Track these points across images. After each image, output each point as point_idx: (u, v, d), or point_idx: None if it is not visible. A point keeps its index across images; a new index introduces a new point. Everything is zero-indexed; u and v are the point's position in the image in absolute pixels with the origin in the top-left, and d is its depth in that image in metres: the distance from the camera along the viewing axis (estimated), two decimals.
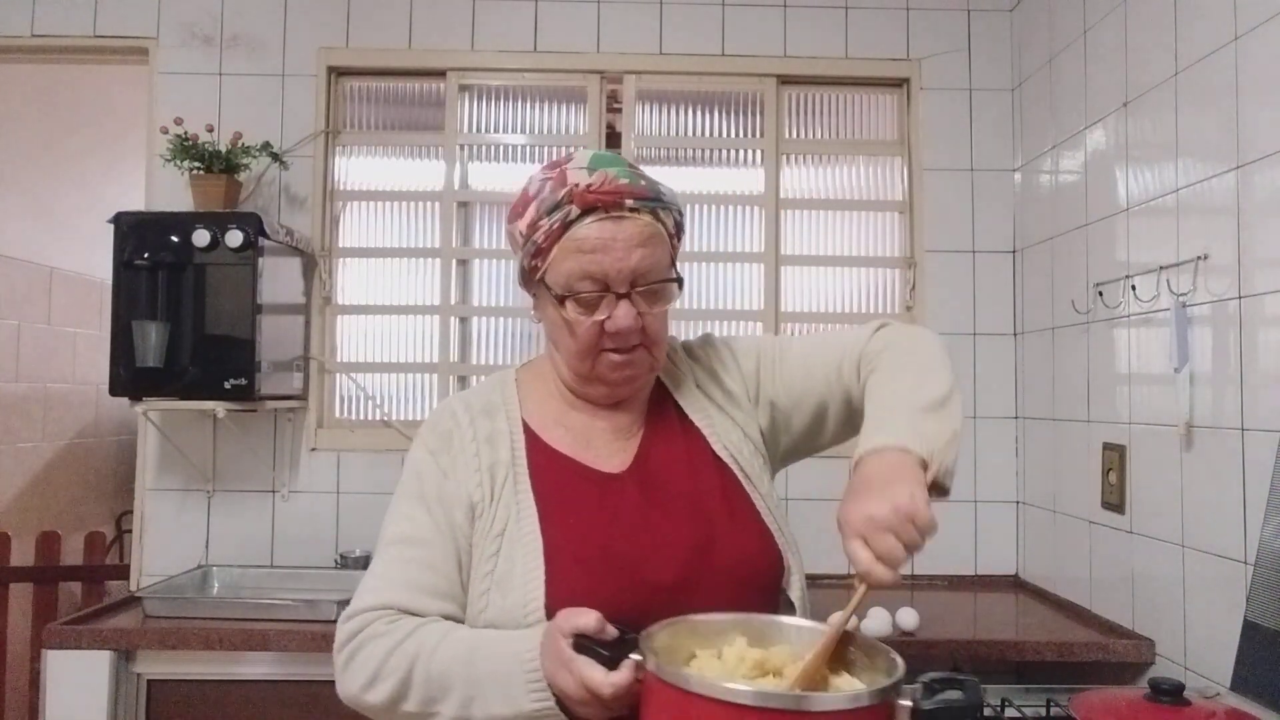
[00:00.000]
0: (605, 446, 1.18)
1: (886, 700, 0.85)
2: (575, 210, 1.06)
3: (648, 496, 1.15)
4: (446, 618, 1.09)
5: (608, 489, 1.14)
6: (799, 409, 1.25)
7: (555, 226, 1.06)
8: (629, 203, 1.07)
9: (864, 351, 1.20)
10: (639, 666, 0.90)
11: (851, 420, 1.23)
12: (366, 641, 1.06)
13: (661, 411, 1.22)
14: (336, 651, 1.08)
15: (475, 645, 1.02)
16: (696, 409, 1.23)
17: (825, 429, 1.27)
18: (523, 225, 1.10)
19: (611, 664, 0.92)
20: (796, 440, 1.29)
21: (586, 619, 0.94)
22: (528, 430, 1.17)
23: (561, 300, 1.08)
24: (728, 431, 1.23)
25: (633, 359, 1.12)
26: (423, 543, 1.10)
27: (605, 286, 1.07)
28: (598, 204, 1.06)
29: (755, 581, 1.15)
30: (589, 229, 1.06)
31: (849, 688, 0.93)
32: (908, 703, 0.86)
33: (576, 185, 1.06)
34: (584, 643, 0.94)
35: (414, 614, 1.07)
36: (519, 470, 1.14)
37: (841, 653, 0.97)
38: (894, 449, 1.01)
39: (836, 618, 0.95)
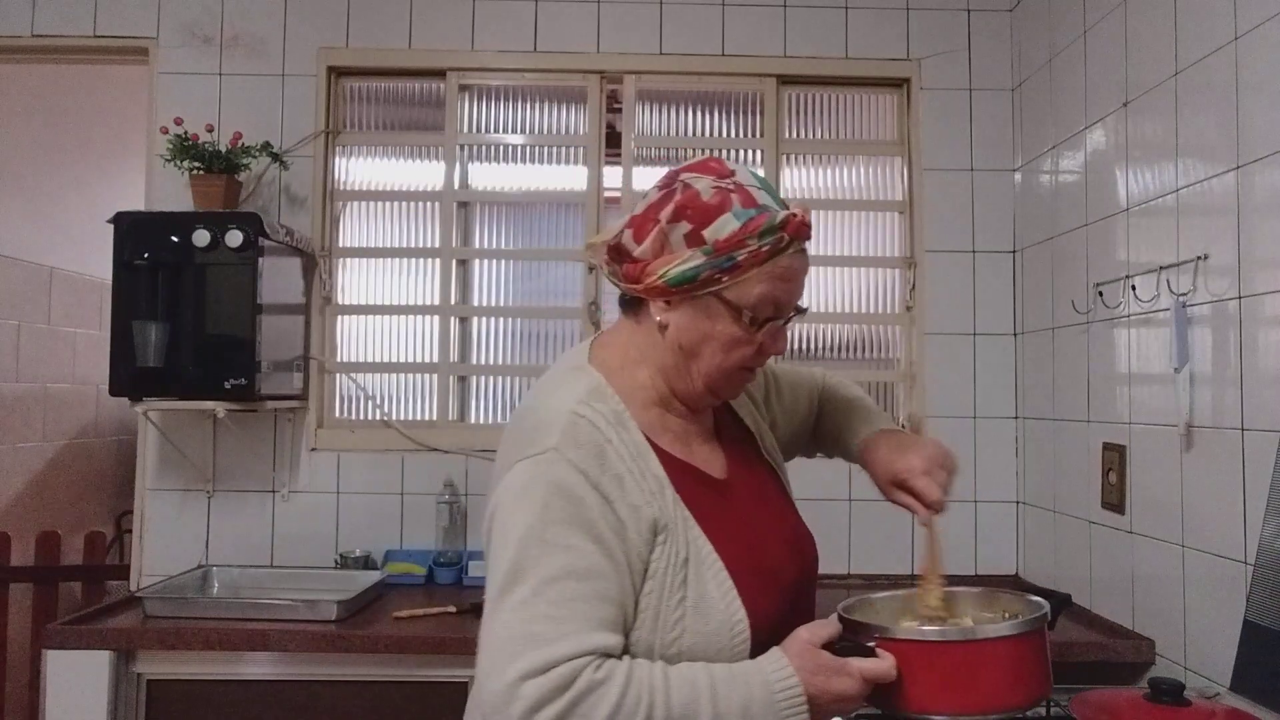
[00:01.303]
0: (700, 449, 1.18)
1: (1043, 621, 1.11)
2: (786, 239, 1.06)
3: (752, 500, 1.19)
4: (620, 651, 1.01)
5: (726, 495, 1.16)
6: (789, 432, 1.37)
7: (764, 250, 1.05)
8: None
9: (825, 383, 1.42)
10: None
11: (802, 446, 1.44)
12: (585, 694, 0.94)
13: (720, 414, 1.25)
14: (532, 710, 0.92)
15: (710, 682, 0.99)
16: (745, 412, 1.29)
17: (792, 453, 1.41)
18: (713, 235, 1.06)
19: (866, 654, 1.04)
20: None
21: (830, 628, 1.04)
22: (647, 438, 1.11)
23: (739, 319, 1.08)
24: (765, 434, 1.31)
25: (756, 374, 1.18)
26: (594, 574, 0.99)
27: (778, 313, 1.10)
28: (805, 237, 1.09)
29: (817, 573, 1.29)
30: (790, 259, 1.08)
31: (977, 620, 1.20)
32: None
33: (793, 215, 1.06)
34: (845, 645, 1.03)
35: (603, 652, 0.97)
36: (668, 483, 1.08)
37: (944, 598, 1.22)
38: (894, 428, 1.30)
39: (931, 552, 1.23)
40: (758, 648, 1.05)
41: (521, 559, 0.98)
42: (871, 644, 1.04)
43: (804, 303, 1.15)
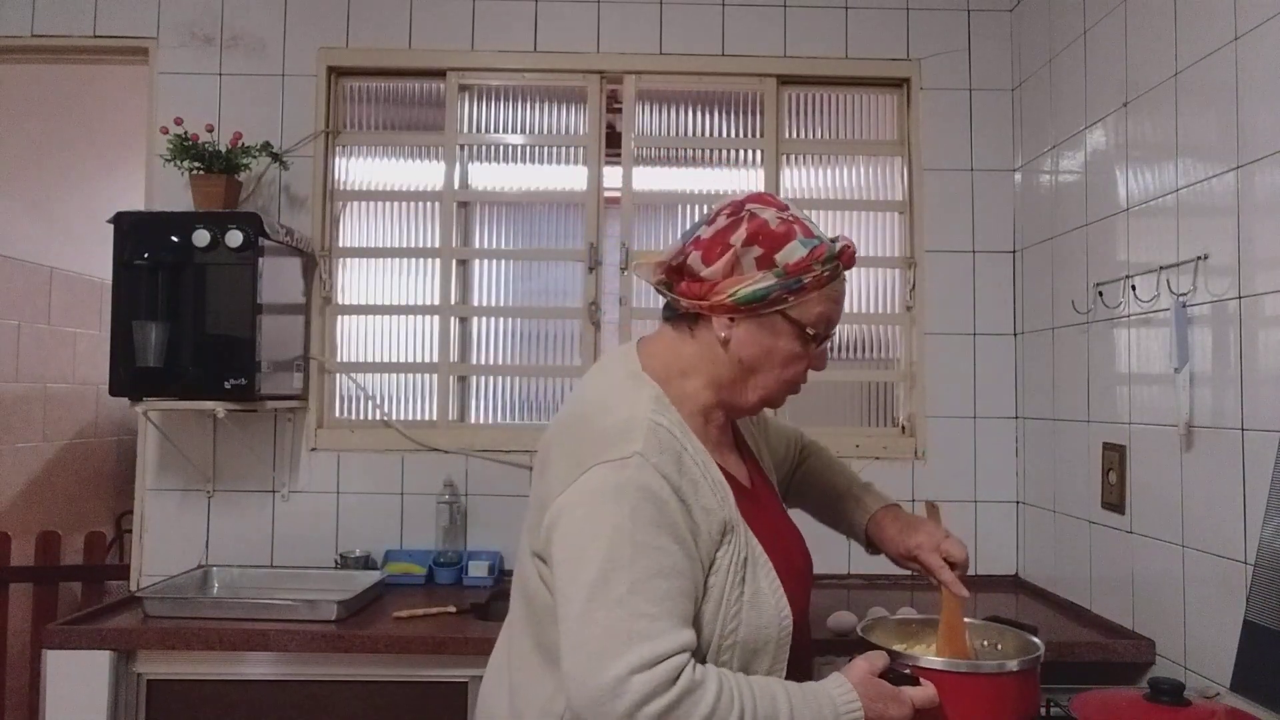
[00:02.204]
0: (731, 458, 1.30)
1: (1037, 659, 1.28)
2: (840, 266, 1.22)
3: (774, 507, 1.35)
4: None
5: (757, 502, 1.28)
6: (767, 467, 1.45)
7: (825, 274, 1.19)
8: None
9: (804, 438, 1.62)
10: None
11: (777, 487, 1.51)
12: (689, 691, 1.01)
13: (734, 429, 1.38)
14: (642, 702, 0.99)
15: (787, 696, 1.08)
16: (748, 431, 1.43)
17: None
18: (783, 259, 1.18)
19: (913, 684, 1.19)
20: None
21: (882, 660, 1.18)
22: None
23: (801, 335, 1.21)
24: (764, 453, 1.44)
25: None
26: (679, 573, 1.07)
27: (828, 332, 1.24)
28: (852, 265, 1.24)
29: None
30: (841, 285, 1.24)
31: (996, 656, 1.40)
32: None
33: (848, 246, 1.22)
34: (895, 675, 1.19)
35: (691, 648, 1.05)
36: (729, 489, 1.20)
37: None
38: (895, 504, 1.51)
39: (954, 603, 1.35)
40: (794, 641, 1.19)
41: (615, 559, 1.04)
42: (907, 671, 1.20)
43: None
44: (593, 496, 1.09)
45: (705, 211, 1.26)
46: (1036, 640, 1.35)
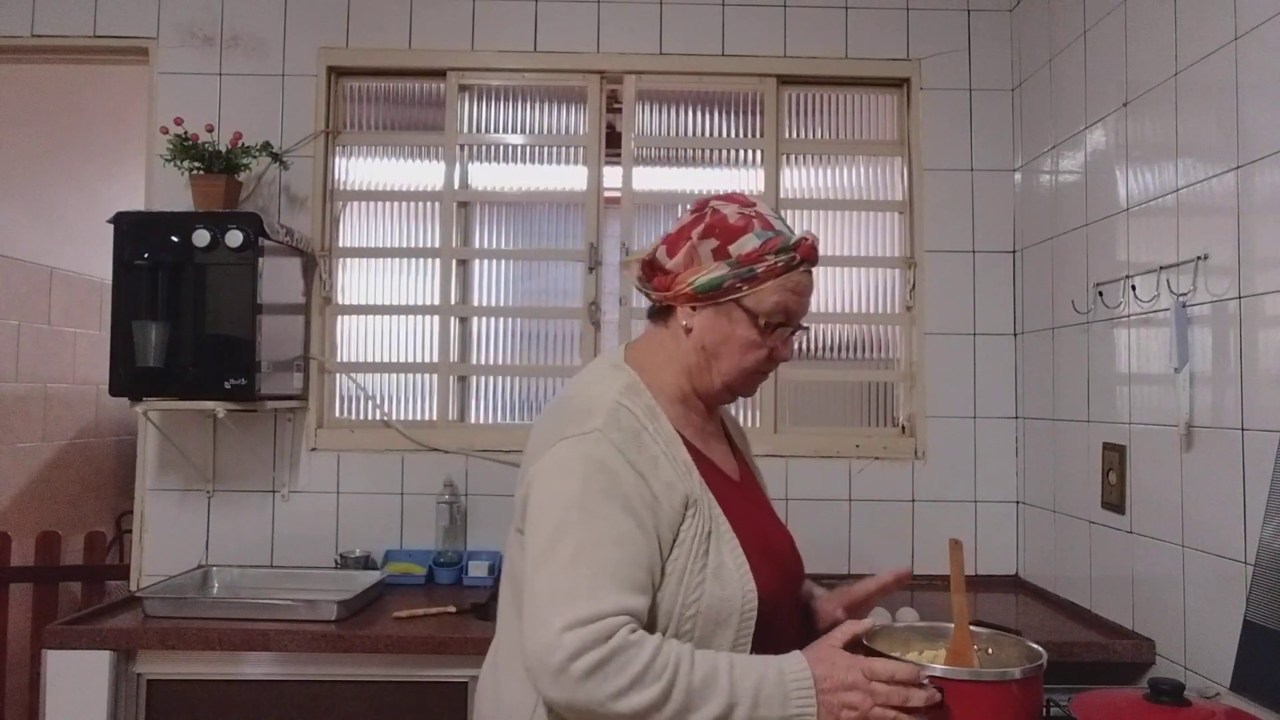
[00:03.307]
0: (716, 447, 1.36)
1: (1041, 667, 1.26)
2: (798, 258, 1.27)
3: (757, 495, 1.41)
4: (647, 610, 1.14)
5: (738, 488, 1.34)
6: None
7: (779, 265, 1.25)
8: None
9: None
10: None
11: None
12: (621, 650, 1.06)
13: (719, 419, 1.43)
14: (572, 657, 1.04)
15: (729, 662, 1.11)
16: (735, 434, 1.48)
17: None
18: (737, 250, 1.25)
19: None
20: None
21: (854, 628, 1.19)
22: (675, 430, 1.27)
23: (756, 324, 1.27)
24: (749, 454, 1.49)
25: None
26: (628, 542, 1.12)
27: (788, 322, 1.29)
28: (813, 260, 1.29)
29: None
30: (801, 276, 1.29)
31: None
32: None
33: (805, 238, 1.28)
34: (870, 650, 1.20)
35: (633, 613, 1.10)
36: (694, 467, 1.25)
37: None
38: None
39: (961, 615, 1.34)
40: (764, 618, 1.20)
41: (565, 524, 1.11)
42: (924, 681, 1.18)
43: (806, 322, 1.33)
44: (555, 466, 1.17)
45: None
46: (1038, 647, 1.38)
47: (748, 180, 2.75)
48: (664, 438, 1.23)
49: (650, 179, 2.75)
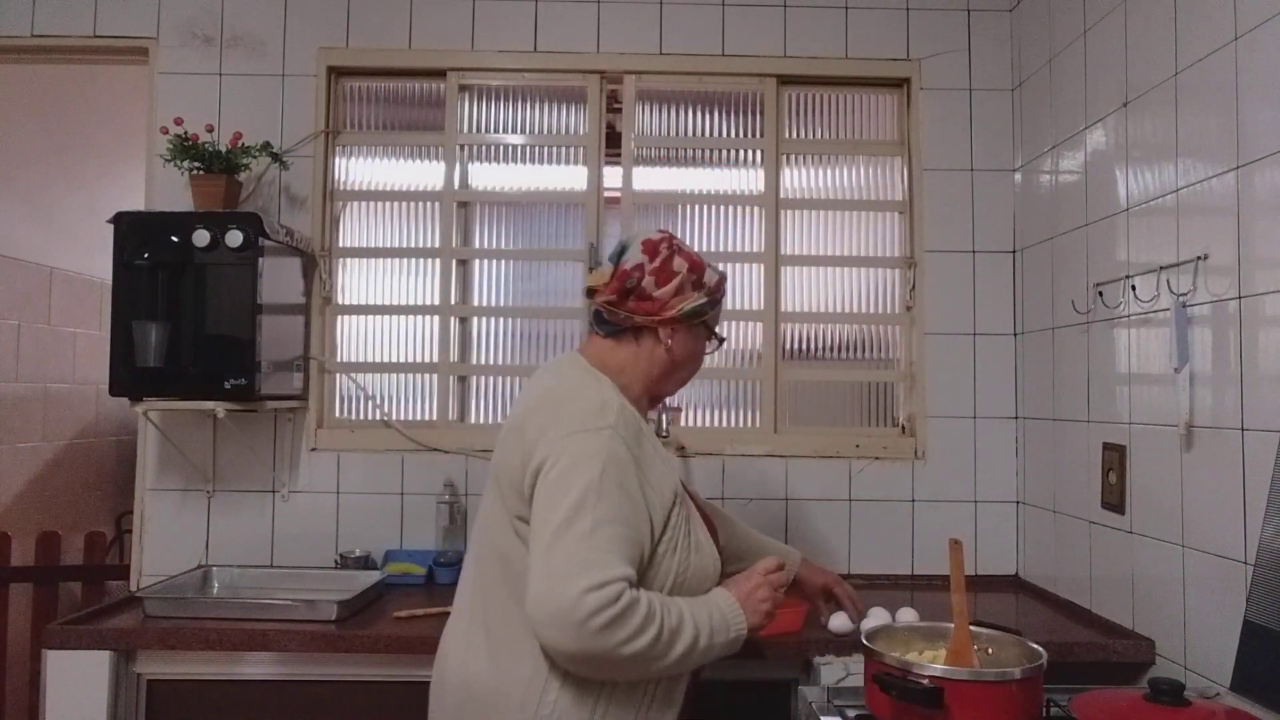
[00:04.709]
0: (658, 442, 1.58)
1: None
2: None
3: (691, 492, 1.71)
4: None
5: (683, 481, 1.59)
6: None
7: (721, 294, 1.61)
8: None
9: None
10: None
11: None
12: (627, 607, 1.28)
13: None
14: (593, 614, 1.25)
15: (690, 605, 1.40)
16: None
17: None
18: (710, 282, 1.58)
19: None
20: None
21: (773, 561, 1.55)
22: None
23: (712, 338, 1.63)
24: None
25: None
26: (629, 524, 1.35)
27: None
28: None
29: None
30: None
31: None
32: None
33: (722, 275, 1.62)
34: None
35: (630, 580, 1.32)
36: (676, 464, 1.57)
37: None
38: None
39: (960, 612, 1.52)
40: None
41: (583, 504, 1.31)
42: (924, 681, 1.33)
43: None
44: (574, 456, 1.35)
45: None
46: (1038, 648, 1.41)
47: (748, 180, 2.75)
48: (652, 436, 1.49)
49: (650, 179, 2.75)
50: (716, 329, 1.63)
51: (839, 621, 1.96)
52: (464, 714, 1.44)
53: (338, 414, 2.69)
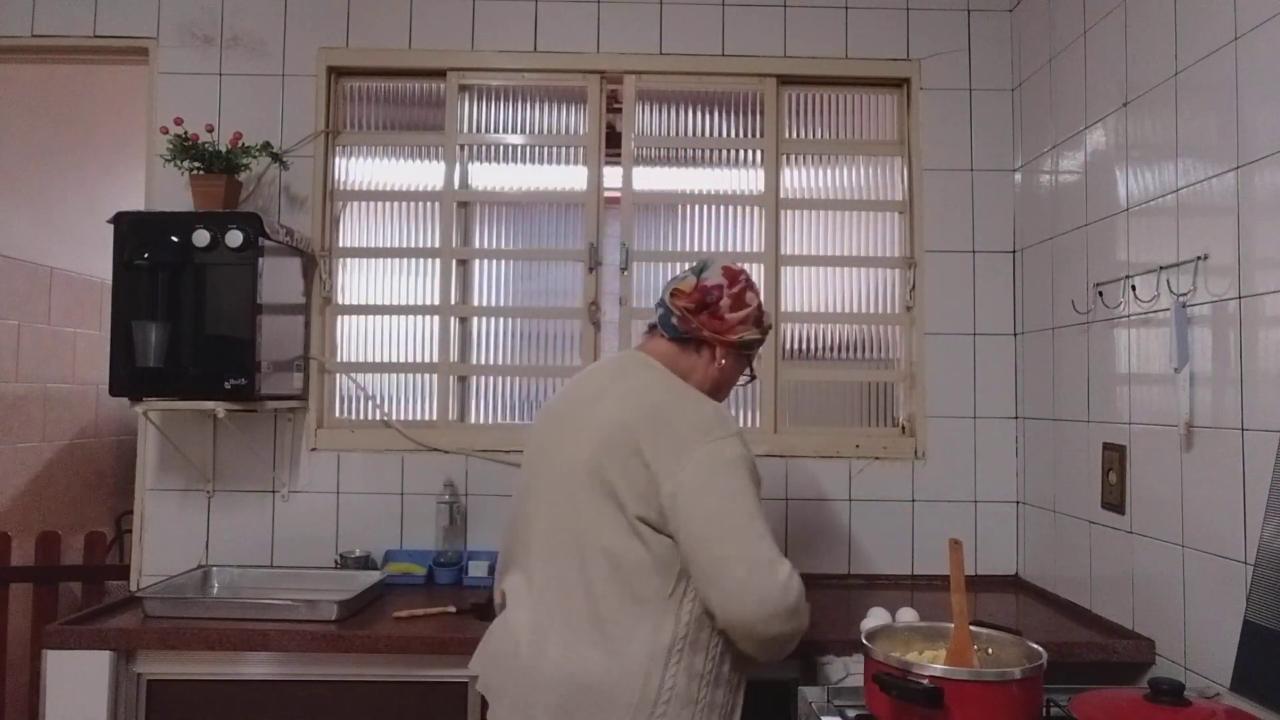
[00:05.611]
0: None
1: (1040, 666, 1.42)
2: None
3: None
4: None
5: None
6: None
7: (764, 339, 1.76)
8: None
9: None
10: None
11: None
12: (802, 586, 1.47)
13: None
14: (800, 597, 1.46)
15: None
16: None
17: None
18: (766, 323, 1.75)
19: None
20: None
21: None
22: None
23: (749, 368, 1.80)
24: None
25: None
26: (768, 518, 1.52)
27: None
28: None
29: None
30: None
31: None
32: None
33: (771, 324, 1.80)
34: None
35: None
36: None
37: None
38: None
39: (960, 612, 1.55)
40: None
41: (751, 508, 1.48)
42: (925, 680, 1.35)
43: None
44: (720, 465, 1.49)
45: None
46: (1038, 648, 1.42)
47: (748, 180, 2.75)
48: None
49: (650, 179, 2.75)
50: (752, 366, 1.80)
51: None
52: (572, 707, 1.45)
53: (338, 414, 2.69)
